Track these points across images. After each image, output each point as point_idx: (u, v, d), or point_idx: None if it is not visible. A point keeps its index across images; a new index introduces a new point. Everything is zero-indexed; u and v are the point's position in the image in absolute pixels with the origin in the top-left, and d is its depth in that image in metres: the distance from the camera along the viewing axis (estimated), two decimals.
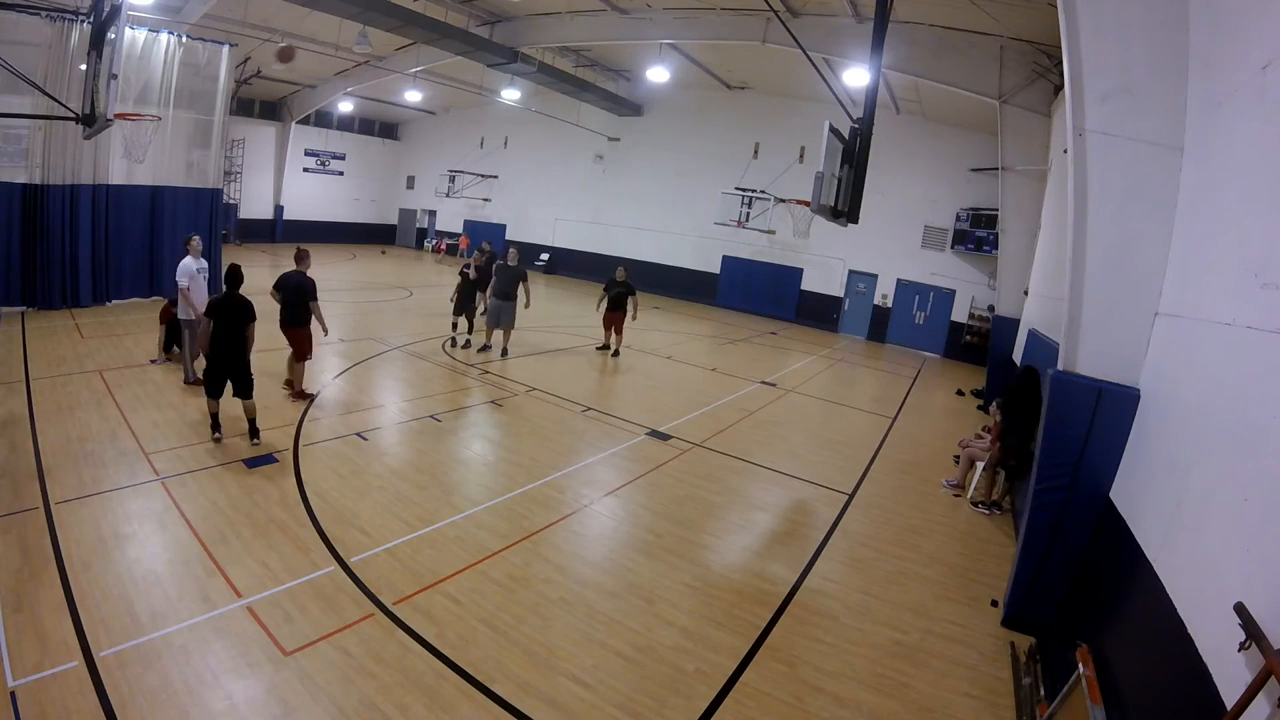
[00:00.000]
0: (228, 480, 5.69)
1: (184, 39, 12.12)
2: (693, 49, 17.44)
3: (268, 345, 10.36)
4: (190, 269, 7.78)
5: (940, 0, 11.16)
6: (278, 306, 7.75)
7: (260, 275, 17.97)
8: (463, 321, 11.96)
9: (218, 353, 6.29)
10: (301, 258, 7.88)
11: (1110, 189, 4.19)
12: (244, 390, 6.44)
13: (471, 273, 11.47)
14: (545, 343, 13.00)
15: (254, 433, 6.53)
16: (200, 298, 7.77)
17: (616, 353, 12.72)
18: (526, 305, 11.13)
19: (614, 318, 12.44)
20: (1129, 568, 3.71)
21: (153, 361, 8.73)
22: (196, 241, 8.17)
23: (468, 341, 11.82)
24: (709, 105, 21.97)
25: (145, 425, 6.64)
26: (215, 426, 6.47)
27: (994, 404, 8.09)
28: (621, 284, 12.26)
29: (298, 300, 7.70)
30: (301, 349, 7.93)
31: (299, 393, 8.07)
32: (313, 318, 7.82)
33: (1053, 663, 4.25)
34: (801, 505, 6.94)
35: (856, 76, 13.33)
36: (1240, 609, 2.38)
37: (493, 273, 11.07)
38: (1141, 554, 3.60)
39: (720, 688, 3.88)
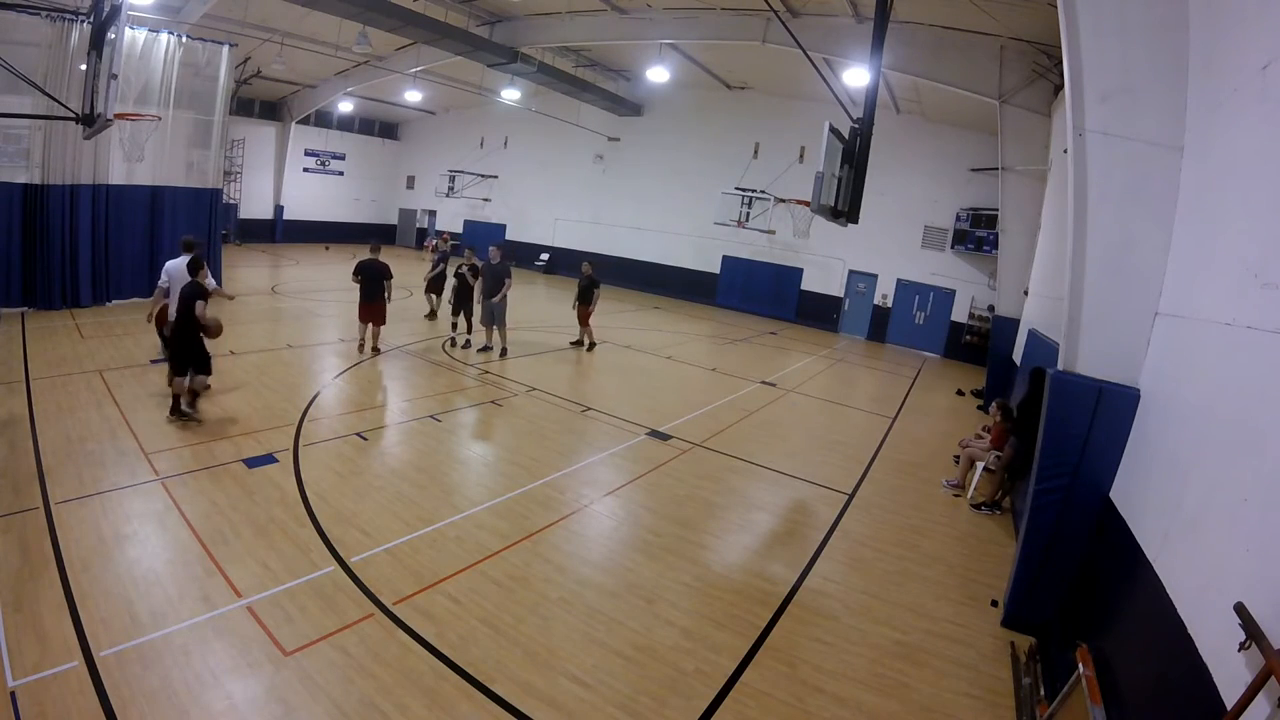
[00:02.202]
0: (228, 480, 5.70)
1: (184, 39, 12.11)
2: (693, 49, 17.42)
3: (265, 345, 10.45)
4: (177, 269, 7.38)
5: (940, 0, 11.17)
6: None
7: (261, 275, 18.06)
8: (462, 321, 11.99)
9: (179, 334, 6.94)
10: (375, 249, 10.20)
11: (1110, 189, 4.19)
12: (203, 367, 7.03)
13: (470, 277, 11.48)
14: (545, 343, 13.00)
15: (192, 403, 7.00)
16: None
17: (583, 344, 12.89)
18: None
19: (581, 311, 12.73)
20: (1129, 568, 3.71)
21: (153, 361, 8.72)
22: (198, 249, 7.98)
23: (468, 341, 11.84)
24: (709, 105, 21.95)
25: (145, 425, 6.64)
26: (176, 407, 6.85)
27: (994, 404, 8.09)
28: (588, 278, 12.60)
29: (378, 280, 9.87)
30: (381, 318, 10.25)
31: (376, 349, 10.46)
32: (387, 293, 9.98)
33: (1053, 663, 4.25)
34: (801, 505, 6.94)
35: (856, 76, 13.32)
36: (1240, 609, 2.38)
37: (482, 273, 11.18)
38: (1141, 554, 3.60)
39: (720, 688, 3.88)
